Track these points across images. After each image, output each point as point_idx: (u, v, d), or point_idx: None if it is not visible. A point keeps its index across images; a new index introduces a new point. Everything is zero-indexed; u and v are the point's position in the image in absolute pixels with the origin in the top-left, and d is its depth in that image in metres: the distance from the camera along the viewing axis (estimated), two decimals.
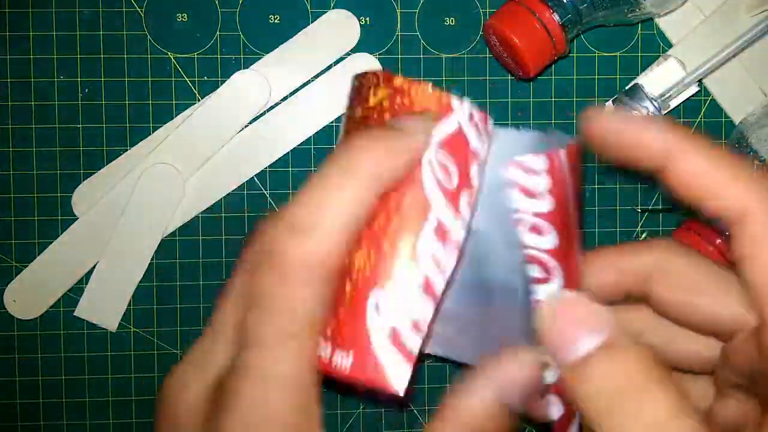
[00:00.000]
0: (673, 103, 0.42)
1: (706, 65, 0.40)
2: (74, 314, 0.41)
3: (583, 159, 0.26)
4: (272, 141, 0.42)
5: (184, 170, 0.41)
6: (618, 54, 0.43)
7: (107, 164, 0.41)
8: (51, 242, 0.41)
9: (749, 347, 0.25)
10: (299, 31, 0.41)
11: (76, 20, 0.41)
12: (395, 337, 0.22)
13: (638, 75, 0.42)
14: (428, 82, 0.24)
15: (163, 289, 0.42)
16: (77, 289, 0.41)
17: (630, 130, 0.24)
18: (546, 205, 0.24)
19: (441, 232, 0.23)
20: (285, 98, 0.42)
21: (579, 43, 0.43)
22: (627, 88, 0.41)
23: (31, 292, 0.41)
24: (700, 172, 0.23)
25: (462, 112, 0.23)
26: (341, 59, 0.42)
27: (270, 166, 0.42)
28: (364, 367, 0.22)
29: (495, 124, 0.24)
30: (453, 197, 0.23)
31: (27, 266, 0.41)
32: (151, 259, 0.41)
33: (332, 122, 0.42)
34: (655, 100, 0.40)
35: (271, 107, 0.42)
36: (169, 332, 0.42)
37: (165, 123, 0.41)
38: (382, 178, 0.22)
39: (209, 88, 0.41)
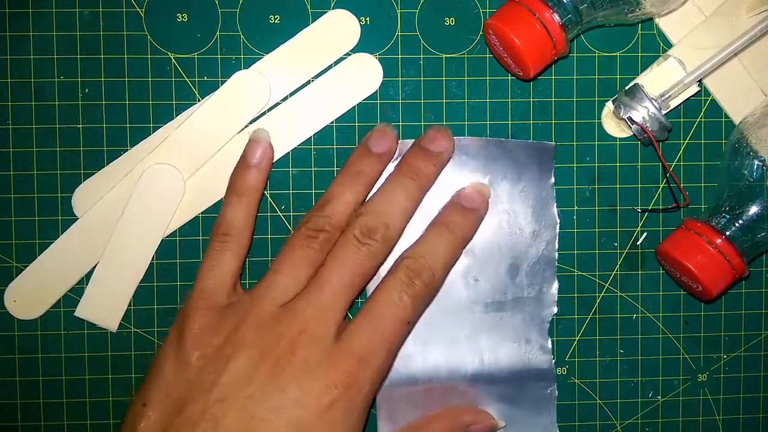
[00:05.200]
0: (673, 103, 0.42)
1: (706, 65, 0.40)
2: (74, 314, 0.41)
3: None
4: (272, 141, 0.42)
5: (184, 170, 0.41)
6: (618, 54, 0.43)
7: (107, 164, 0.41)
8: (51, 242, 0.41)
9: None
10: (299, 31, 0.41)
11: (76, 20, 0.41)
12: None
13: (638, 75, 0.42)
14: None
15: (163, 289, 0.42)
16: (77, 289, 0.41)
17: None
18: None
19: None
20: (285, 98, 0.42)
21: (579, 43, 0.43)
22: (627, 88, 0.41)
23: (31, 292, 0.41)
24: None
25: None
26: (341, 59, 0.42)
27: None
28: None
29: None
30: None
31: (27, 266, 0.41)
32: (151, 259, 0.41)
33: (332, 122, 0.42)
34: (655, 100, 0.40)
35: (271, 107, 0.42)
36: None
37: (165, 123, 0.41)
38: None
39: (209, 88, 0.41)
